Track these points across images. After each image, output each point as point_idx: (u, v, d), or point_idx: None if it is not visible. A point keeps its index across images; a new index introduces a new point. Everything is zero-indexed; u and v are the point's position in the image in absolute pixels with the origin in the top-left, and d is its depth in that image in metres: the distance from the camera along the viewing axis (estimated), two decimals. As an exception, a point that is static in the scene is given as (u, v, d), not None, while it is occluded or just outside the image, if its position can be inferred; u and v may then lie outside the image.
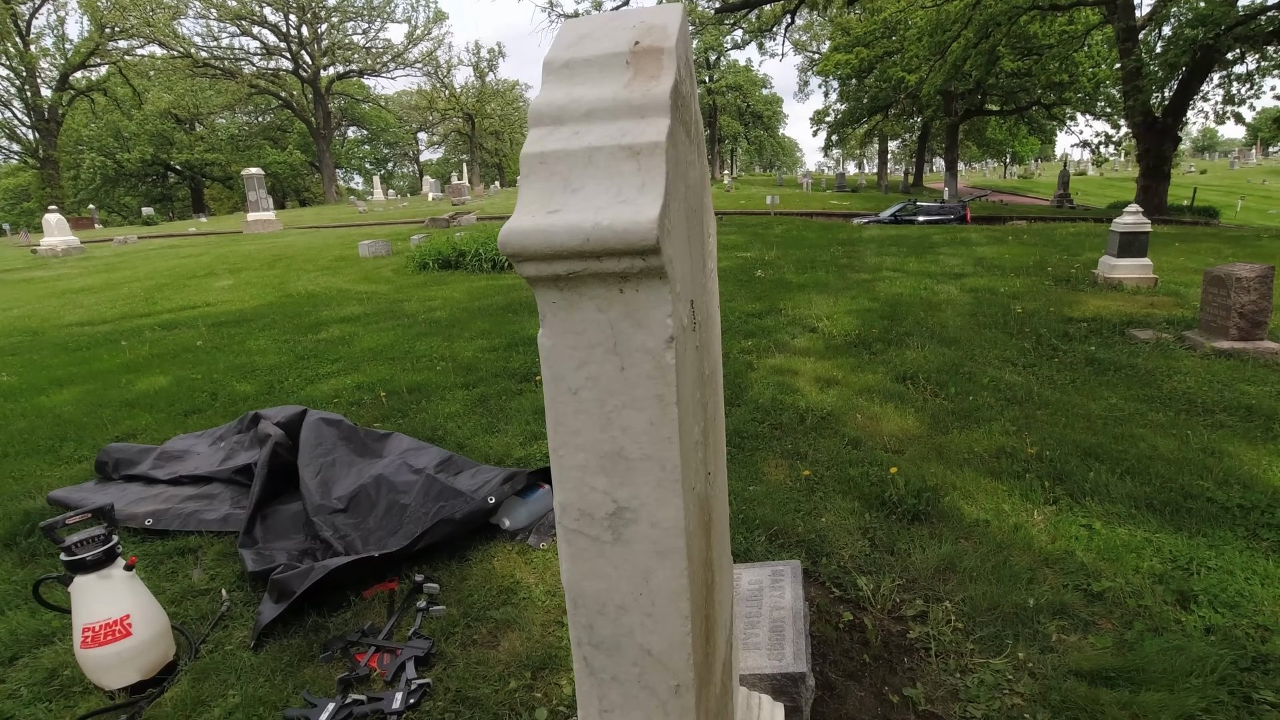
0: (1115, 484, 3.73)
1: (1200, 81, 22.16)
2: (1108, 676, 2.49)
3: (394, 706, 2.35)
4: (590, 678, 0.96)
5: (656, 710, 0.95)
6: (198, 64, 43.19)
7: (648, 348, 0.83)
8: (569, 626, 0.96)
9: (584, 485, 0.90)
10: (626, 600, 0.92)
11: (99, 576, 2.50)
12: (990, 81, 31.92)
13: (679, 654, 0.93)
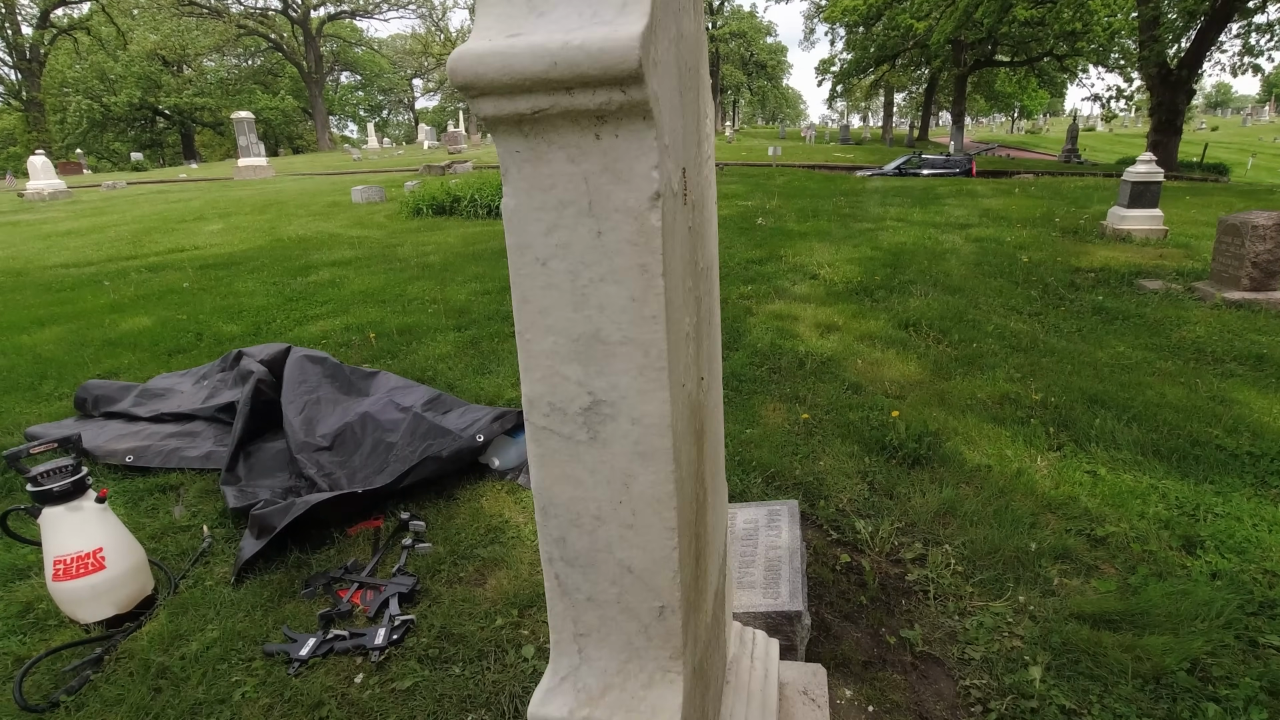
0: (1121, 431, 3.63)
1: (1219, 31, 21.47)
2: (1110, 620, 2.42)
3: (376, 642, 2.29)
4: (563, 599, 0.85)
5: (638, 635, 0.84)
6: (183, 2, 41.72)
7: (629, 207, 0.69)
8: (539, 540, 0.84)
9: (555, 375, 0.77)
10: (604, 509, 0.80)
11: (68, 508, 2.40)
12: (1003, 30, 30.96)
13: (663, 572, 0.82)
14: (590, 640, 0.86)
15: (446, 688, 2.14)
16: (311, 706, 2.08)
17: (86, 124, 48.25)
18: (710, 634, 1.06)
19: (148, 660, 2.27)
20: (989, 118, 62.08)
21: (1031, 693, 2.16)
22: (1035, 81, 40.23)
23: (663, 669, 0.84)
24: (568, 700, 0.86)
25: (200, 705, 2.10)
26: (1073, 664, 2.26)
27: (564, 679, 0.87)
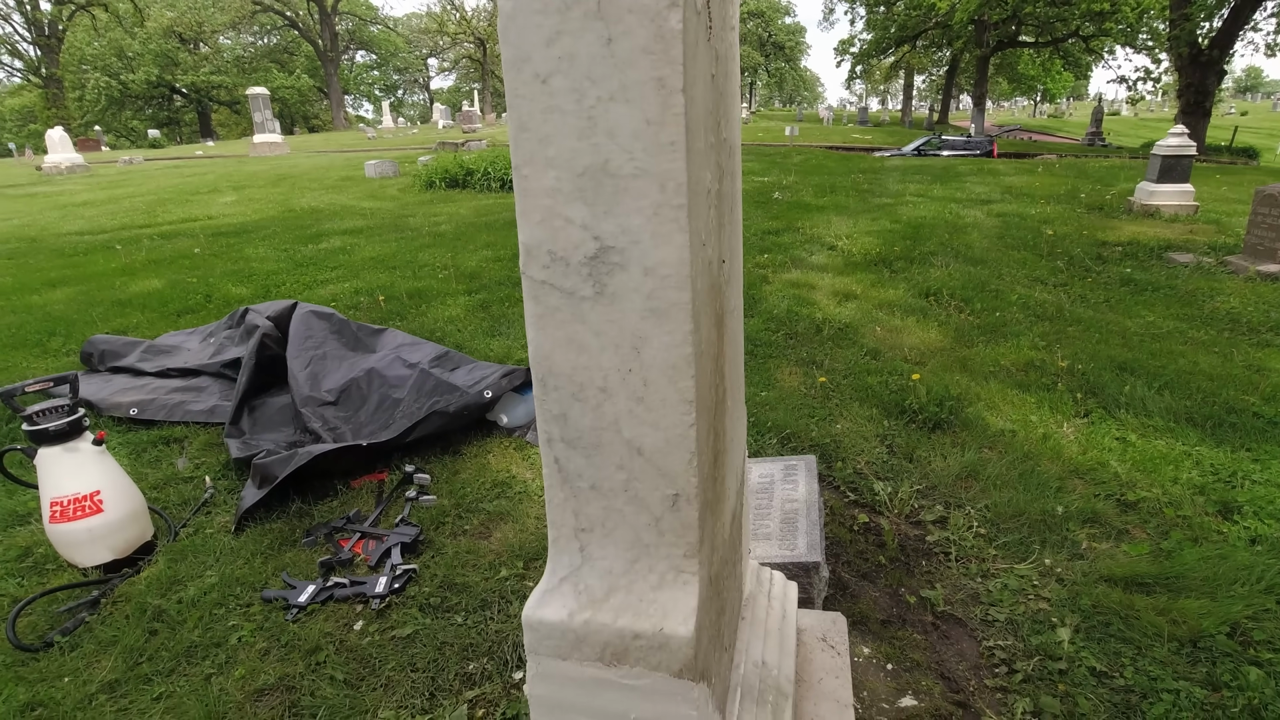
0: (1152, 398, 3.49)
1: (1253, 9, 20.80)
2: (1143, 583, 2.31)
3: (377, 590, 2.22)
4: (563, 487, 0.75)
5: (648, 530, 0.75)
6: (199, -22, 41.60)
7: (644, 5, 0.58)
8: (536, 418, 0.74)
9: (556, 217, 0.67)
10: (610, 379, 0.70)
11: (65, 449, 2.34)
12: (1027, 10, 30.23)
13: (678, 454, 0.72)
14: (593, 536, 0.76)
15: (448, 636, 2.07)
16: (309, 651, 2.01)
17: (105, 101, 48.47)
18: (728, 551, 0.96)
19: (144, 603, 2.22)
20: (1011, 101, 60.92)
21: (1060, 654, 2.06)
22: (1060, 63, 39.35)
23: (675, 569, 0.75)
24: (567, 602, 0.77)
25: (195, 648, 2.04)
26: (1103, 626, 2.15)
27: (563, 580, 0.78)
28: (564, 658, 0.76)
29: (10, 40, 43.79)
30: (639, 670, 0.74)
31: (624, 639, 0.74)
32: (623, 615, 0.74)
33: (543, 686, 0.77)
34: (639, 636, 0.73)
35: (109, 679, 1.94)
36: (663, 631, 0.72)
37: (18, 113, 55.51)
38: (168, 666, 1.98)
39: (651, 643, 0.73)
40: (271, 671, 1.94)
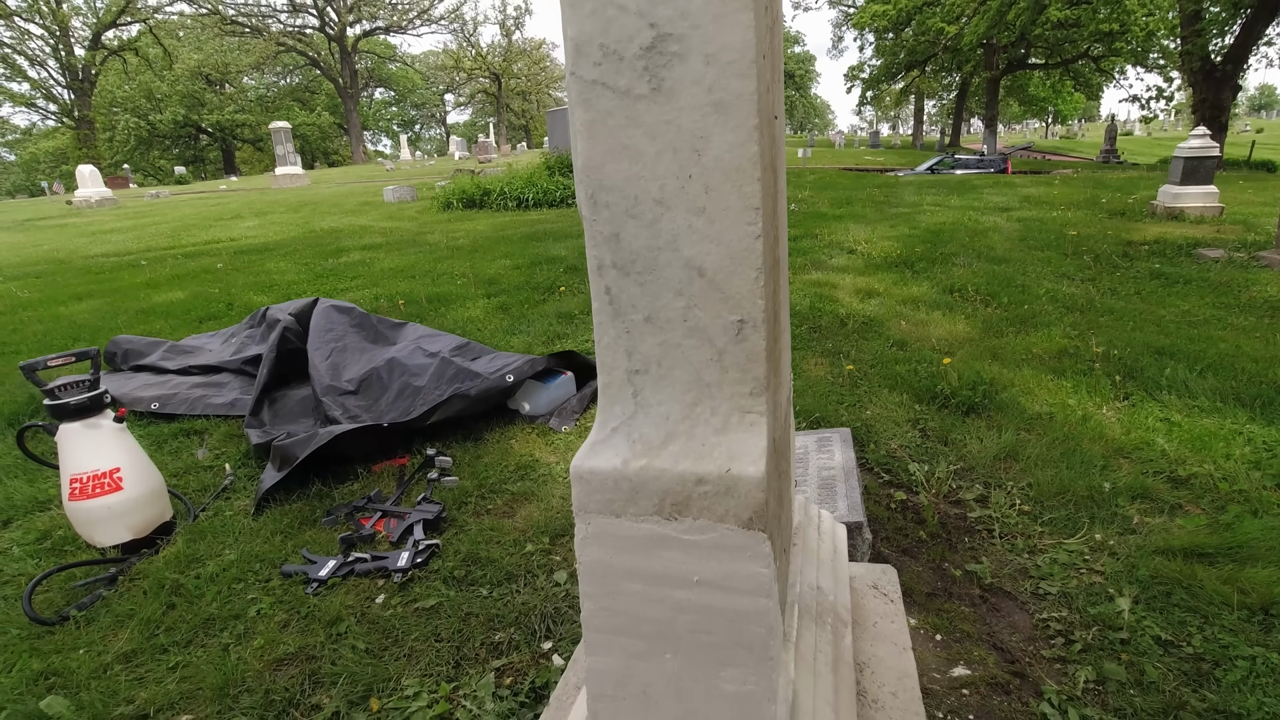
0: (1195, 380, 3.37)
1: (1266, 24, 20.75)
2: (1204, 554, 2.18)
3: (399, 564, 2.14)
4: (615, 323, 0.69)
5: (709, 366, 0.68)
6: (225, 21, 43.02)
7: None
8: (585, 244, 0.68)
9: (609, 5, 0.61)
10: (668, 189, 0.64)
11: (86, 425, 2.31)
12: (1035, 32, 30.40)
13: (743, 271, 0.65)
14: (648, 379, 0.69)
15: (473, 608, 1.98)
16: (329, 622, 1.94)
17: (134, 141, 49.89)
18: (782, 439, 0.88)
19: (162, 579, 2.16)
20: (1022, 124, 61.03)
21: (1120, 624, 1.93)
22: (1070, 84, 39.41)
23: (740, 410, 0.68)
24: (620, 451, 0.70)
25: (213, 620, 1.97)
26: (1164, 596, 2.03)
27: (615, 430, 0.71)
28: (618, 514, 0.69)
29: (45, 85, 45.32)
30: (703, 523, 0.67)
31: (685, 485, 0.67)
32: (683, 460, 0.67)
33: (594, 551, 0.70)
34: (703, 481, 0.66)
35: (125, 650, 1.87)
36: (730, 473, 0.65)
37: (51, 154, 57.26)
38: (185, 638, 1.91)
39: (717, 487, 0.66)
40: (291, 642, 1.87)
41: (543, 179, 11.76)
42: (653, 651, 0.71)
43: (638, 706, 0.73)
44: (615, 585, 0.70)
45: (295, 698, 1.68)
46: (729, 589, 0.67)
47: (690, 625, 0.69)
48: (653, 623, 0.70)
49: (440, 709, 1.63)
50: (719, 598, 0.68)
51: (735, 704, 0.70)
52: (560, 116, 14.56)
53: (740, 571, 0.67)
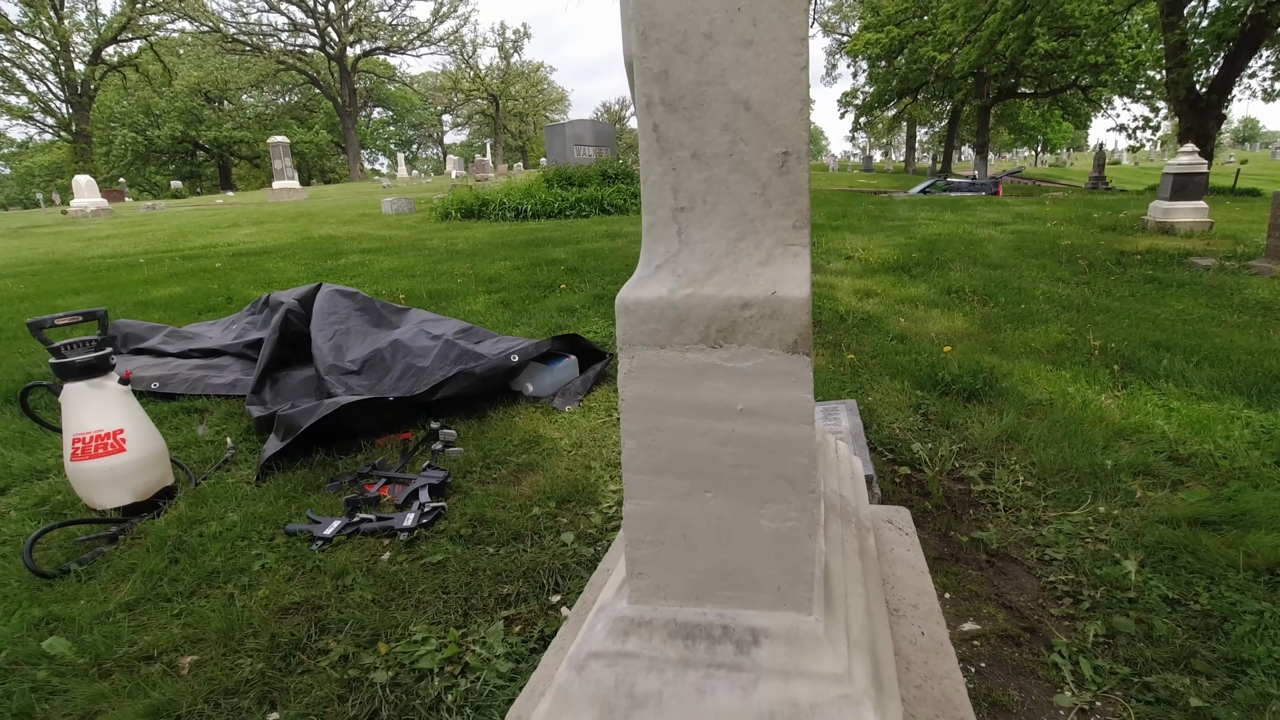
0: (1191, 371, 3.40)
1: (1249, 57, 21.27)
2: (1208, 521, 2.20)
3: (405, 524, 2.13)
4: (662, 159, 0.70)
5: (753, 201, 0.69)
6: (227, 40, 43.42)
7: None
8: (634, 84, 0.70)
9: None
10: (717, 24, 0.67)
11: (90, 385, 2.30)
12: (1025, 62, 31.06)
13: (788, 103, 0.67)
14: (693, 215, 0.71)
15: (480, 563, 1.97)
16: (335, 575, 1.92)
17: (130, 156, 50.00)
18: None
19: (165, 536, 2.14)
20: (1012, 152, 62.01)
21: (1127, 585, 1.94)
22: (1059, 114, 40.15)
23: (784, 243, 0.69)
24: (666, 282, 0.71)
25: (217, 573, 1.95)
26: (1170, 560, 2.04)
27: (659, 267, 0.72)
28: (663, 345, 0.70)
29: (43, 99, 45.47)
30: (748, 349, 0.68)
31: (731, 310, 0.68)
32: (729, 287, 0.68)
33: (638, 385, 0.71)
34: (748, 305, 0.67)
35: (127, 599, 1.85)
36: (775, 295, 0.66)
37: (46, 168, 57.24)
38: (188, 588, 1.89)
39: (763, 310, 0.67)
40: (297, 593, 1.85)
41: (541, 191, 11.85)
42: (694, 491, 0.72)
43: (677, 551, 0.74)
44: (658, 420, 0.71)
45: (302, 641, 1.66)
46: (772, 417, 0.68)
47: (732, 459, 0.70)
48: (695, 458, 0.71)
49: (449, 652, 1.61)
50: (762, 427, 0.69)
51: (776, 542, 0.71)
52: (557, 132, 14.72)
53: (784, 398, 0.68)
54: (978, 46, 25.52)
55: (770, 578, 0.72)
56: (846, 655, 0.70)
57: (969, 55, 26.31)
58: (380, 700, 1.47)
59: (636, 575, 0.75)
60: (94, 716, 1.45)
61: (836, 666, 0.68)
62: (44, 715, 1.46)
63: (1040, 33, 28.18)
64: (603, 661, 0.73)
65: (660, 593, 0.75)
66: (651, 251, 0.72)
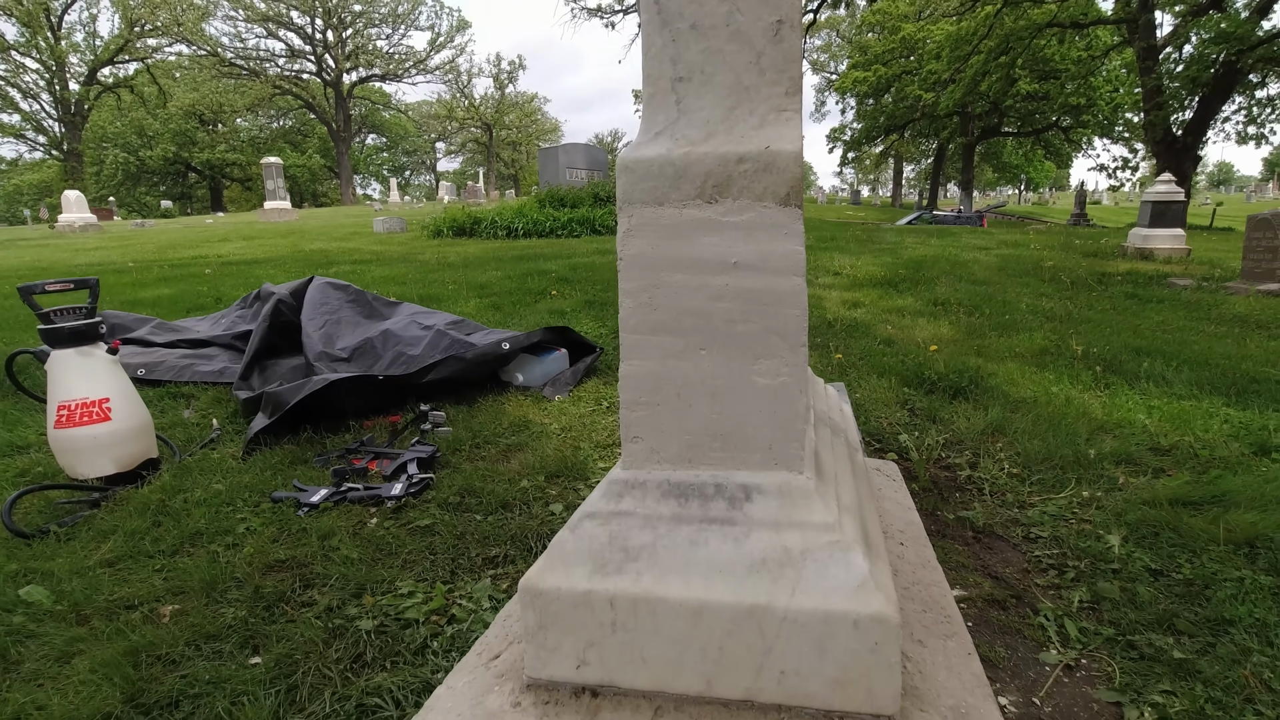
0: (1172, 373, 3.47)
1: (1222, 102, 21.97)
2: (1189, 502, 2.23)
3: (393, 492, 2.12)
4: (662, 31, 0.73)
5: (749, 69, 0.73)
6: (224, 64, 43.83)
7: None
8: (639, -44, 0.74)
9: None
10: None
11: (79, 353, 2.29)
12: (1007, 103, 31.89)
13: (783, -29, 0.71)
14: (691, 86, 0.74)
15: (468, 528, 1.96)
16: (321, 536, 1.90)
17: (121, 175, 49.94)
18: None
19: (148, 502, 2.11)
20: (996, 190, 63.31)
21: (1111, 557, 1.96)
22: (1041, 153, 41.11)
23: (777, 109, 0.72)
24: (665, 144, 0.74)
25: (201, 535, 1.93)
26: (1153, 535, 2.06)
27: (658, 134, 0.75)
28: (661, 202, 0.72)
29: (36, 117, 45.52)
30: (742, 203, 0.70)
31: (727, 165, 0.70)
32: (725, 145, 0.71)
33: (636, 242, 0.73)
34: (744, 160, 0.70)
35: (108, 557, 1.82)
36: (769, 149, 0.69)
37: (34, 186, 57.02)
38: (171, 548, 1.86)
39: (757, 164, 0.69)
40: (282, 552, 1.83)
41: (533, 211, 11.96)
42: (689, 348, 0.74)
43: (671, 412, 0.75)
44: (656, 278, 0.73)
45: (286, 594, 1.64)
46: (765, 269, 0.71)
47: (727, 314, 0.72)
48: (691, 315, 0.73)
49: (436, 604, 1.60)
50: (755, 280, 0.71)
51: (768, 398, 0.73)
52: (551, 154, 14.92)
53: (777, 250, 0.70)
54: (962, 86, 26.21)
55: (762, 436, 0.73)
56: (837, 512, 0.72)
57: (954, 94, 26.99)
58: (365, 644, 1.46)
59: (631, 440, 0.77)
60: (72, 657, 1.42)
61: (827, 517, 0.70)
62: (20, 656, 1.43)
63: (1022, 74, 28.97)
64: (596, 521, 0.74)
65: (654, 456, 0.76)
66: (651, 120, 0.75)
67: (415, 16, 47.73)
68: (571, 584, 0.71)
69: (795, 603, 0.66)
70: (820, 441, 0.91)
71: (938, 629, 0.89)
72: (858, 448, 1.12)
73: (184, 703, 1.30)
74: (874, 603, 0.65)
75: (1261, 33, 19.37)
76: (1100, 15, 24.18)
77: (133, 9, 40.60)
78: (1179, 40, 22.79)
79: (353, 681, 1.35)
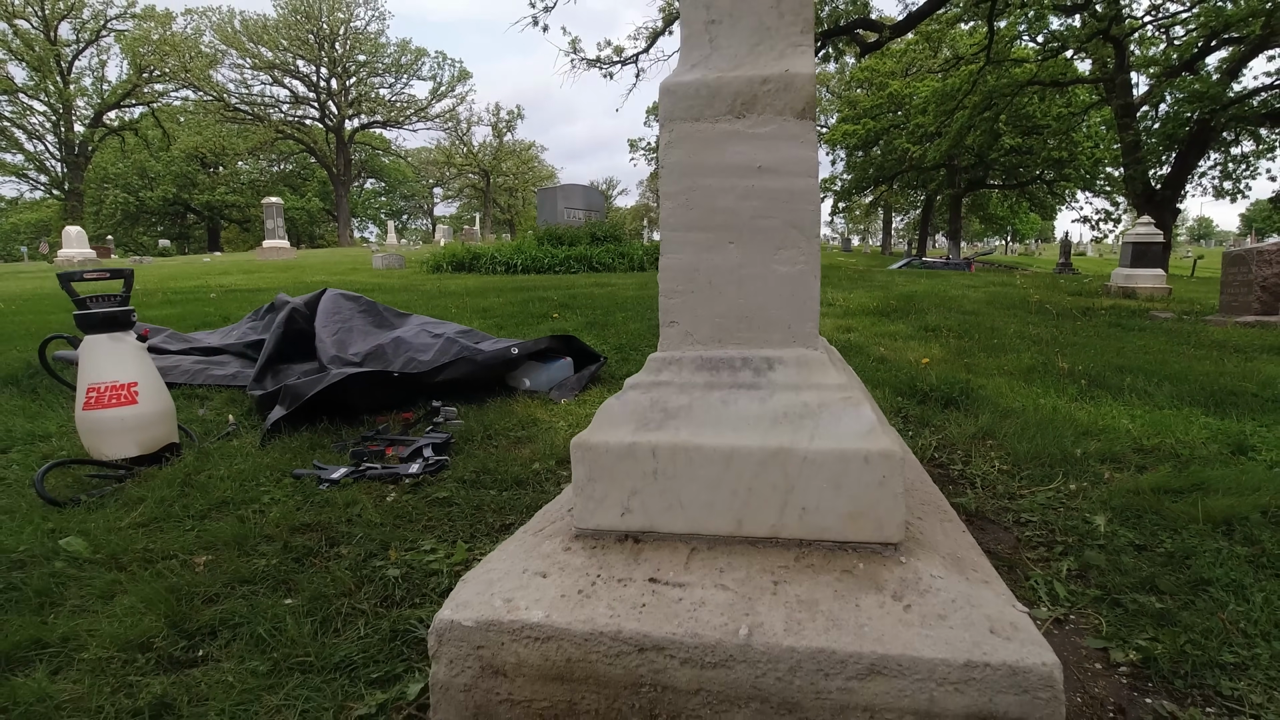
0: (1153, 388, 3.61)
1: (1198, 157, 22.79)
2: (1170, 490, 2.34)
3: (411, 470, 2.21)
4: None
5: (769, 11, 0.87)
6: (229, 109, 44.84)
7: None
8: (679, -79, 0.89)
9: None
10: None
11: (111, 338, 2.39)
12: (992, 156, 32.90)
13: (800, -68, 0.86)
14: (721, 27, 0.88)
15: (484, 501, 2.05)
16: (344, 505, 1.98)
17: (120, 215, 50.39)
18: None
19: (174, 476, 2.19)
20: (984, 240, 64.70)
21: (1098, 535, 2.06)
22: (1026, 205, 42.15)
23: (794, 44, 0.87)
24: (700, 71, 0.87)
25: (228, 503, 2.01)
26: (1136, 517, 2.17)
27: (694, 65, 0.89)
28: (697, 118, 0.85)
29: (40, 158, 46.16)
30: (766, 116, 0.84)
31: (753, 86, 0.84)
32: (751, 70, 0.85)
33: (676, 152, 0.86)
34: (767, 81, 0.84)
35: (140, 520, 1.89)
36: (788, 72, 0.83)
37: (33, 225, 57.36)
38: (200, 513, 1.94)
39: (778, 84, 0.83)
40: (307, 517, 1.91)
41: (532, 248, 12.21)
42: (719, 242, 0.86)
43: (703, 298, 0.87)
44: (692, 181, 0.86)
45: (314, 549, 1.72)
46: (784, 172, 0.84)
47: (752, 211, 0.85)
48: (721, 213, 0.85)
49: (459, 557, 1.68)
50: (776, 181, 0.84)
51: (787, 283, 0.85)
52: (549, 195, 15.28)
53: (795, 155, 0.83)
54: (948, 139, 27.06)
55: (782, 317, 0.85)
56: (847, 377, 0.83)
57: (940, 147, 27.84)
58: (394, 587, 1.53)
59: (669, 325, 0.89)
60: (113, 595, 1.49)
61: (840, 379, 0.81)
62: (63, 596, 1.50)
63: (1006, 129, 29.94)
64: (639, 390, 0.86)
65: (689, 338, 0.88)
66: (688, 57, 0.89)
67: (418, 67, 49.14)
68: (619, 438, 0.82)
69: (815, 445, 0.77)
70: (832, 359, 1.03)
71: (936, 515, 0.99)
72: (860, 385, 1.24)
73: (223, 631, 1.37)
74: (882, 441, 0.75)
75: (1232, 93, 20.26)
76: (1078, 75, 25.18)
77: (142, 56, 41.66)
78: (1154, 99, 23.74)
79: (384, 615, 1.42)
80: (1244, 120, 21.03)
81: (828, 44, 20.23)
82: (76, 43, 43.12)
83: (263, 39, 44.86)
